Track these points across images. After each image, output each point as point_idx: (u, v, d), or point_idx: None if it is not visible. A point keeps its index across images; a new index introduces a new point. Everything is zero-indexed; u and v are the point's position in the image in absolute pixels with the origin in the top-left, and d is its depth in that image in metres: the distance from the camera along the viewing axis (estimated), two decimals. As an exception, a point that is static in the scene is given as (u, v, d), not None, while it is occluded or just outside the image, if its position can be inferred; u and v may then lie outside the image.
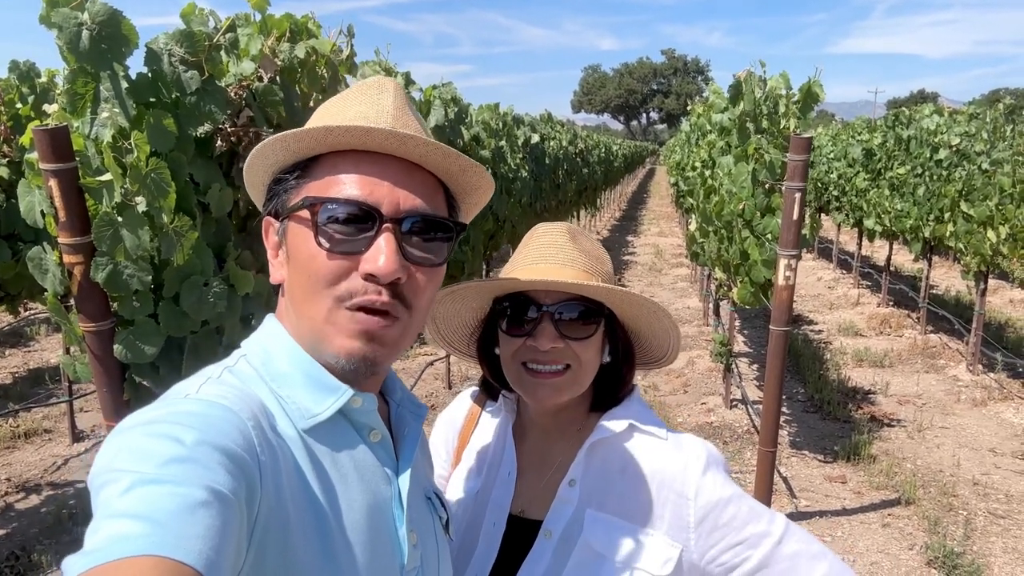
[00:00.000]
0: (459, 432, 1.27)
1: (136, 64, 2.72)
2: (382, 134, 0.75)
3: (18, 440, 5.02)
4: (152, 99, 1.67)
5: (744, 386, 5.71)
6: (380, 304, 0.76)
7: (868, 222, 8.72)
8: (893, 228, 8.08)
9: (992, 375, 6.39)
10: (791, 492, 4.27)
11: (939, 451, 4.98)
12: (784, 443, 5.01)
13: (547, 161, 7.90)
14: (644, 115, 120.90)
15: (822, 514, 4.14)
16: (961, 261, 6.48)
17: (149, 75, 1.68)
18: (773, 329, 3.50)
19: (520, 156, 6.25)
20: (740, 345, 7.54)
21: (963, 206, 6.33)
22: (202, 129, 1.74)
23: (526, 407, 1.18)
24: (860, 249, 10.49)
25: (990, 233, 5.89)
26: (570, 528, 1.07)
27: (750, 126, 4.43)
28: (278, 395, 0.77)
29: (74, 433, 5.02)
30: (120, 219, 1.59)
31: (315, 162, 0.80)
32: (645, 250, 14.89)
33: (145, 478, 0.57)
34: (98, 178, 1.60)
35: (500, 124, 5.79)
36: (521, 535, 1.10)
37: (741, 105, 4.44)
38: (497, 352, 1.15)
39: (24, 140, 1.70)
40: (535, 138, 7.13)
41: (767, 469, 3.57)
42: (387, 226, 0.76)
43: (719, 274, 5.19)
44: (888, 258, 9.34)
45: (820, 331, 8.21)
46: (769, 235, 4.23)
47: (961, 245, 6.37)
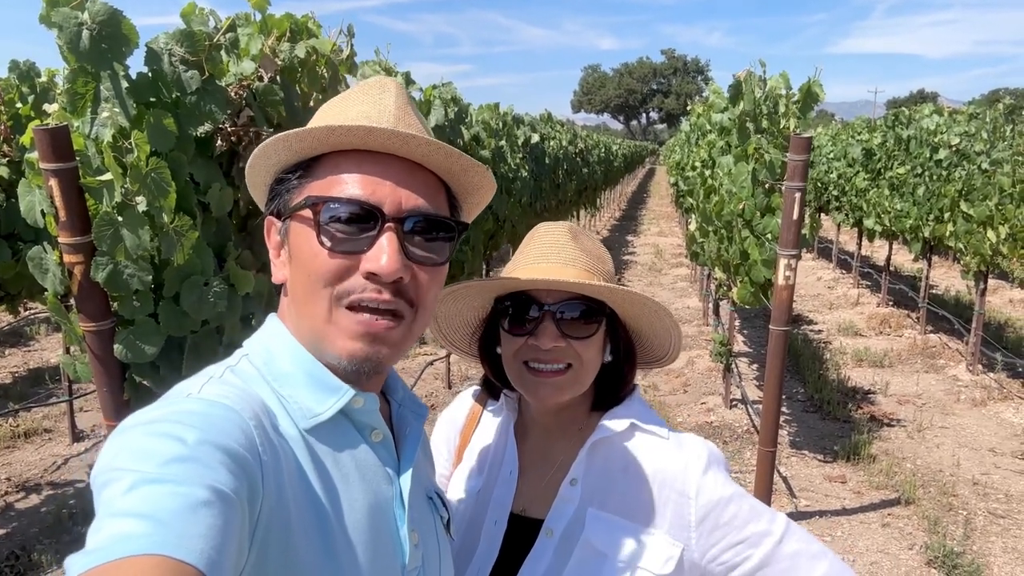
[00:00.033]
0: (460, 431, 1.27)
1: (136, 64, 2.71)
2: (384, 134, 0.75)
3: (18, 440, 5.02)
4: (152, 99, 1.68)
5: (744, 386, 5.71)
6: (382, 303, 0.76)
7: (868, 222, 8.72)
8: (893, 228, 8.08)
9: (992, 375, 6.39)
10: (791, 492, 4.27)
11: (939, 451, 4.98)
12: (784, 443, 5.01)
13: (547, 161, 7.90)
14: (644, 115, 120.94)
15: (822, 514, 4.15)
16: (961, 261, 6.49)
17: (149, 75, 1.68)
18: (773, 329, 3.50)
19: (520, 156, 6.25)
20: (740, 345, 7.54)
21: (963, 206, 6.33)
22: (202, 129, 1.74)
23: (527, 406, 1.19)
24: (860, 249, 10.49)
25: (990, 233, 5.89)
26: (571, 527, 1.07)
27: (750, 126, 4.43)
28: (280, 395, 0.77)
29: (74, 433, 5.02)
30: (120, 219, 1.59)
31: (317, 162, 0.80)
32: (645, 250, 14.89)
33: (147, 477, 0.57)
34: (98, 178, 1.60)
35: (500, 124, 5.78)
36: (522, 534, 1.10)
37: (741, 105, 4.44)
38: (499, 351, 1.15)
39: (24, 140, 1.70)
40: (535, 138, 7.13)
41: (767, 469, 3.58)
42: (389, 225, 0.76)
43: (719, 274, 5.19)
44: (888, 258, 9.34)
45: (820, 331, 8.21)
46: (769, 235, 4.23)
47: (961, 245, 6.38)
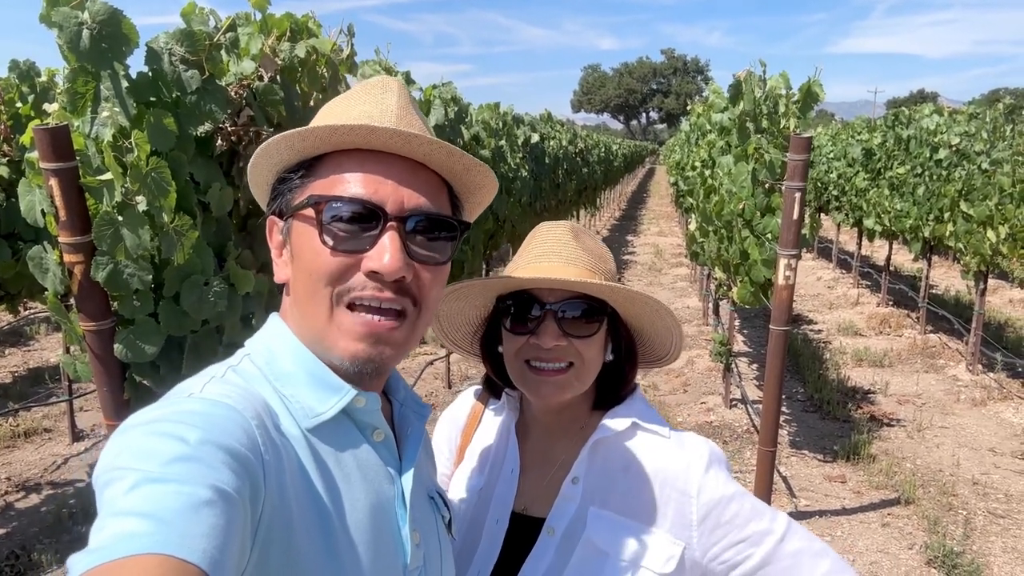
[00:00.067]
0: (462, 430, 1.27)
1: (136, 63, 2.71)
2: (386, 133, 0.75)
3: (18, 439, 5.01)
4: (152, 98, 1.67)
5: (744, 386, 5.71)
6: (384, 301, 0.76)
7: (868, 222, 8.73)
8: (893, 228, 8.09)
9: (992, 375, 6.40)
10: (791, 492, 4.27)
11: (939, 451, 4.98)
12: (784, 443, 5.01)
13: (547, 161, 7.90)
14: (644, 115, 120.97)
15: (822, 514, 4.15)
16: (961, 261, 6.49)
17: (149, 74, 1.68)
18: (773, 329, 3.50)
19: (520, 156, 6.25)
20: (740, 345, 7.54)
21: (963, 206, 6.33)
22: (202, 128, 1.74)
23: (529, 405, 1.19)
24: (860, 249, 10.49)
25: (990, 233, 5.89)
26: (573, 525, 1.07)
27: (750, 126, 4.43)
28: (282, 394, 0.77)
29: (74, 432, 5.02)
30: (120, 218, 1.59)
31: (319, 161, 0.80)
32: (645, 250, 14.89)
33: (149, 477, 0.57)
34: (98, 177, 1.60)
35: (500, 124, 5.78)
36: (524, 532, 1.10)
37: (741, 105, 4.44)
38: (500, 350, 1.15)
39: (24, 139, 1.70)
40: (535, 138, 7.13)
41: (767, 469, 3.58)
42: (391, 224, 0.76)
43: (719, 274, 5.19)
44: (888, 258, 9.34)
45: (820, 331, 8.21)
46: (769, 235, 4.23)
47: (961, 245, 6.38)
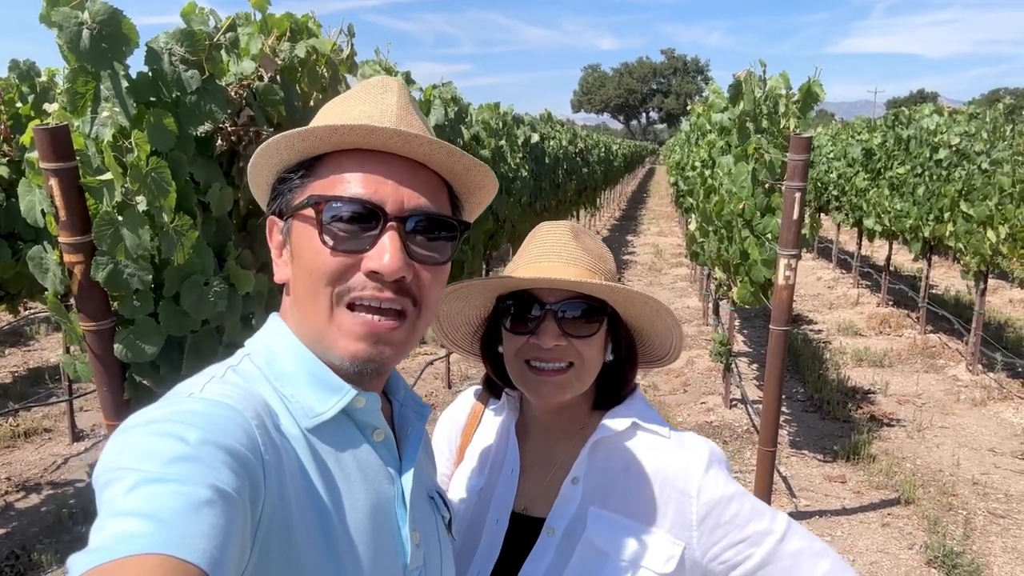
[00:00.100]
0: (462, 430, 1.27)
1: (136, 63, 2.71)
2: (387, 133, 0.75)
3: (18, 439, 5.01)
4: (152, 98, 1.67)
5: (744, 386, 5.71)
6: (384, 301, 0.76)
7: (868, 222, 8.73)
8: (893, 228, 8.09)
9: (992, 375, 6.40)
10: (791, 492, 4.27)
11: (939, 451, 4.98)
12: (784, 443, 5.01)
13: (547, 161, 7.90)
14: (644, 115, 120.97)
15: (822, 514, 4.15)
16: (961, 261, 6.49)
17: (149, 74, 1.68)
18: (773, 329, 3.50)
19: (520, 156, 6.25)
20: (740, 345, 7.54)
21: (963, 206, 6.33)
22: (202, 128, 1.74)
23: (529, 405, 1.19)
24: (860, 249, 10.49)
25: (990, 233, 5.89)
26: (573, 526, 1.07)
27: (750, 126, 4.43)
28: (282, 394, 0.77)
29: (74, 432, 5.02)
30: (120, 218, 1.59)
31: (320, 161, 0.80)
32: (645, 250, 14.89)
33: (149, 477, 0.57)
34: (98, 177, 1.60)
35: (500, 123, 5.78)
36: (524, 532, 1.10)
37: (741, 105, 4.44)
38: (500, 350, 1.15)
39: (24, 139, 1.70)
40: (535, 137, 7.13)
41: (767, 469, 3.58)
42: (391, 224, 0.76)
43: (719, 274, 5.19)
44: (888, 258, 9.34)
45: (820, 331, 8.21)
46: (769, 235, 4.23)
47: (961, 245, 6.38)
